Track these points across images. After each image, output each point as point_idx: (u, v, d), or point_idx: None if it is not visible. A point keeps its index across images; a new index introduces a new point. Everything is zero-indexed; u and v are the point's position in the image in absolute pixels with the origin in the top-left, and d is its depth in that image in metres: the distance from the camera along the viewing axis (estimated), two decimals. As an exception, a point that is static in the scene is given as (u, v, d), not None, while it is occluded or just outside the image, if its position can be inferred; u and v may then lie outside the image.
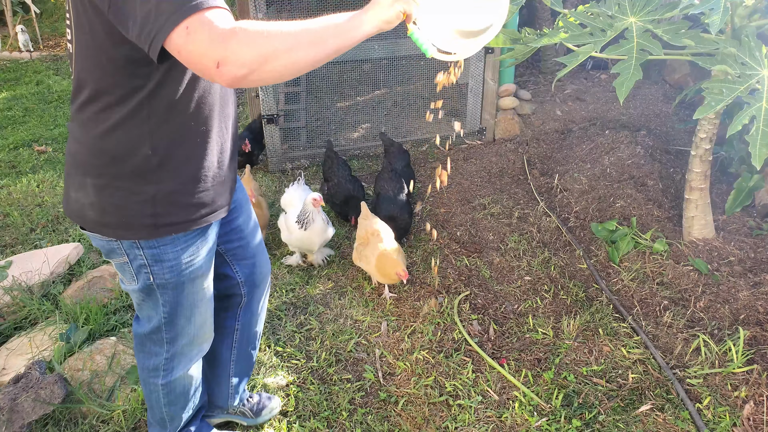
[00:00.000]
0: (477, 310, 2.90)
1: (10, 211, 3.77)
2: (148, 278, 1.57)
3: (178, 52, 1.15)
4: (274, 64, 1.15)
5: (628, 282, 2.99)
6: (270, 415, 2.27)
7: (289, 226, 3.06)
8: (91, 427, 2.25)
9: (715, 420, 2.25)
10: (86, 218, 1.50)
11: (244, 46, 1.12)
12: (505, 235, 3.45)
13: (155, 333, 1.71)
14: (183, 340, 1.74)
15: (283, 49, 1.15)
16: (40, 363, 2.34)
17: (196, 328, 1.74)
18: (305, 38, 1.18)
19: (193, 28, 1.12)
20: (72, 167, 1.48)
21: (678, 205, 3.44)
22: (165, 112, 1.38)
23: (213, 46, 1.11)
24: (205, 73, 1.16)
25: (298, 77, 4.96)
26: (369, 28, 1.25)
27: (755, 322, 2.66)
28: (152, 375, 1.80)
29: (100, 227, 1.50)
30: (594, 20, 2.48)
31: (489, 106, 4.56)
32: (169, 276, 1.57)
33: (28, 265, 3.01)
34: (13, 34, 7.44)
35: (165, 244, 1.52)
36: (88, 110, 1.38)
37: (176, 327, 1.70)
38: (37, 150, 4.78)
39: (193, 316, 1.71)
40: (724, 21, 2.18)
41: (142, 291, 1.61)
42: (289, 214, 3.12)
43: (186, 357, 1.80)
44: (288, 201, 3.23)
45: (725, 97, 2.29)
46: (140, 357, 1.81)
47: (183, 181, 1.47)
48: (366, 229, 3.00)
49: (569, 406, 2.34)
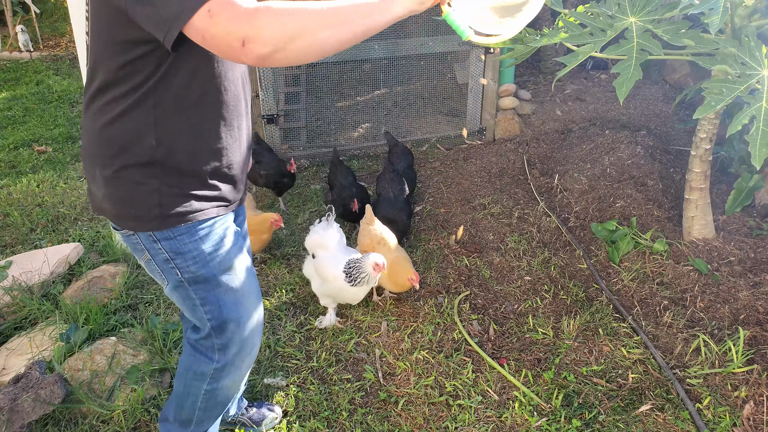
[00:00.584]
0: (477, 310, 2.90)
1: (10, 211, 3.77)
2: (175, 273, 1.53)
3: (202, 37, 1.14)
4: (299, 42, 1.14)
5: (628, 282, 2.99)
6: (271, 425, 2.25)
7: (330, 275, 2.61)
8: (91, 427, 2.25)
9: (715, 420, 2.25)
10: (105, 210, 1.50)
11: (269, 24, 1.11)
12: (505, 235, 3.45)
13: (207, 339, 1.65)
14: (234, 348, 1.67)
15: (309, 28, 1.14)
16: (40, 363, 2.34)
17: (246, 330, 1.67)
18: (332, 18, 1.16)
19: (216, 11, 1.11)
20: (86, 160, 1.48)
21: (678, 205, 3.44)
22: (171, 103, 1.37)
23: (237, 24, 1.11)
24: (230, 53, 1.15)
25: (298, 77, 4.96)
26: (400, 9, 1.21)
27: (755, 322, 2.66)
28: (197, 378, 1.73)
29: (115, 219, 1.49)
30: (594, 20, 2.48)
31: (489, 106, 4.56)
32: (195, 268, 1.53)
33: (28, 265, 3.01)
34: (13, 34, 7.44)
35: (180, 234, 1.48)
36: (98, 101, 1.38)
37: (226, 332, 1.64)
38: (37, 150, 4.78)
39: (241, 318, 1.64)
40: (724, 21, 2.18)
41: (176, 291, 1.57)
42: (325, 260, 2.67)
43: (236, 368, 1.74)
44: (318, 243, 2.74)
45: (725, 97, 2.29)
46: (188, 358, 1.74)
47: (188, 173, 1.46)
48: (370, 237, 2.91)
49: (569, 406, 2.34)
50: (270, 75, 4.02)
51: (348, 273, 2.55)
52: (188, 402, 1.79)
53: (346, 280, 2.56)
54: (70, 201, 3.88)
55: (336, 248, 2.70)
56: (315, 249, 2.74)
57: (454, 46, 4.36)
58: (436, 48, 4.35)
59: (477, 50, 4.34)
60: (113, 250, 3.23)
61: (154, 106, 1.35)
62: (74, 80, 6.38)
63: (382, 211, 3.26)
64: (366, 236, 2.96)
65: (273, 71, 4.06)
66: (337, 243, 2.72)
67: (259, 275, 3.17)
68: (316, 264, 2.71)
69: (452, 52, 4.71)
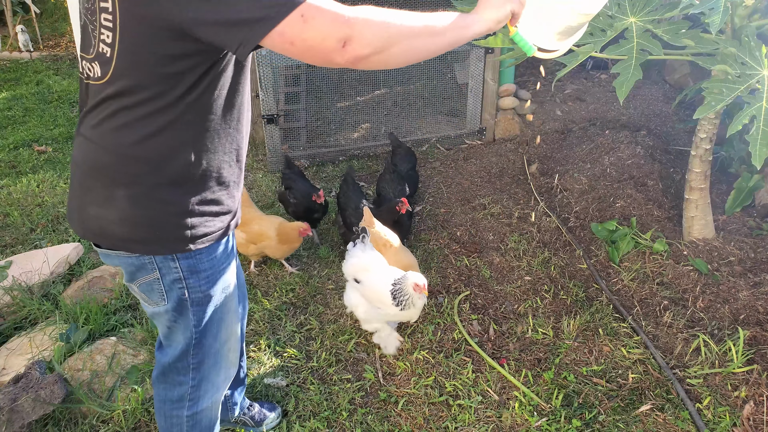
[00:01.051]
0: (477, 310, 2.90)
1: (10, 211, 3.77)
2: (182, 293, 1.48)
3: (291, 43, 1.13)
4: (396, 48, 1.19)
5: (628, 282, 2.99)
6: (272, 424, 2.25)
7: (381, 298, 2.44)
8: (91, 427, 2.25)
9: (715, 420, 2.25)
10: (111, 236, 1.40)
11: (370, 28, 1.15)
12: (505, 235, 3.45)
13: (181, 360, 1.60)
14: (209, 362, 1.63)
15: (406, 35, 1.19)
16: (40, 363, 2.34)
17: (221, 344, 1.63)
18: (426, 29, 1.22)
19: (310, 15, 1.11)
20: (93, 180, 1.37)
21: (678, 205, 3.43)
22: (207, 118, 1.34)
23: (338, 27, 1.12)
24: (323, 56, 1.15)
25: (298, 77, 4.96)
26: (481, 27, 1.30)
27: (755, 322, 2.66)
28: (176, 407, 1.67)
29: (130, 244, 1.40)
30: (594, 20, 2.48)
31: (489, 106, 4.56)
32: (205, 287, 1.50)
33: (28, 265, 3.01)
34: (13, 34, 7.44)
35: (201, 253, 1.45)
36: (124, 116, 1.29)
37: (203, 347, 1.59)
38: (37, 150, 4.78)
39: (219, 332, 1.61)
40: (724, 21, 2.18)
41: (174, 311, 1.51)
42: (372, 282, 2.50)
43: (212, 384, 1.68)
44: (361, 266, 2.56)
45: (725, 97, 2.29)
46: (161, 388, 1.67)
47: (215, 189, 1.43)
48: (375, 241, 2.82)
49: (569, 406, 2.34)
50: (270, 75, 4.02)
51: (394, 296, 2.39)
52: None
53: (393, 303, 2.39)
54: (70, 201, 3.88)
55: (381, 269, 2.54)
56: (358, 273, 2.56)
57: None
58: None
59: (477, 50, 4.34)
60: (113, 250, 3.23)
61: (193, 122, 1.32)
62: (74, 80, 6.38)
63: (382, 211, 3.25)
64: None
65: (273, 71, 4.06)
66: (381, 264, 2.56)
67: (259, 275, 3.17)
68: (363, 289, 2.53)
69: (452, 52, 4.71)
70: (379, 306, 2.46)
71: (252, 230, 3.06)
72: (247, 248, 3.08)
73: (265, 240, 3.05)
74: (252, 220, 3.10)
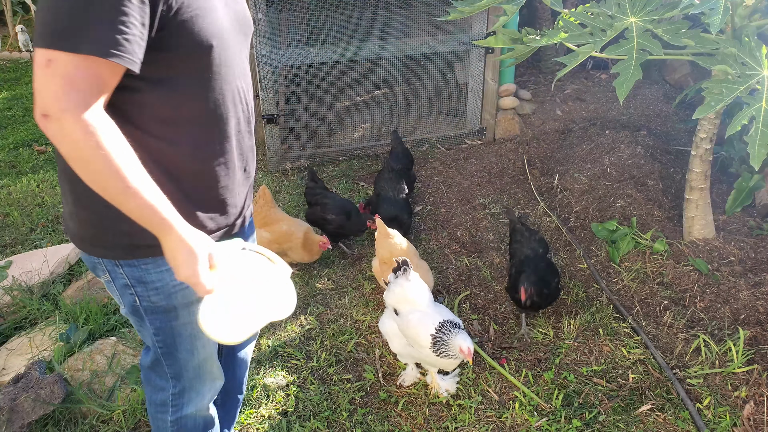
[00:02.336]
0: (477, 310, 2.90)
1: (10, 211, 3.77)
2: (133, 300, 1.43)
3: (35, 66, 1.10)
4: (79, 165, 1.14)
5: (629, 282, 2.99)
6: None
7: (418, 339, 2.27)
8: (91, 427, 2.25)
9: (715, 420, 2.24)
10: (67, 230, 1.41)
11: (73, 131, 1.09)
12: (505, 235, 3.45)
13: (157, 365, 1.57)
14: (189, 374, 1.59)
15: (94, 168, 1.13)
16: (40, 363, 2.34)
17: (200, 361, 1.58)
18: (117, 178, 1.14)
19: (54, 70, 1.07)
20: (59, 171, 1.38)
21: (678, 205, 3.43)
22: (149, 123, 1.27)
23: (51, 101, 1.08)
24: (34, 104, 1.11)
25: (298, 77, 4.96)
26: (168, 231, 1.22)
27: (755, 322, 2.66)
28: (160, 410, 1.65)
29: (79, 241, 1.40)
30: (594, 20, 2.48)
31: (489, 106, 4.56)
32: (156, 299, 1.43)
33: (28, 265, 3.01)
34: (13, 34, 7.44)
35: (146, 264, 1.38)
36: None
37: (178, 360, 1.54)
38: (37, 150, 4.78)
39: (195, 349, 1.54)
40: (724, 21, 2.17)
41: (132, 314, 1.48)
42: (412, 319, 2.29)
43: (197, 393, 1.64)
44: (402, 297, 2.36)
45: (725, 97, 2.29)
46: (147, 390, 1.66)
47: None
48: (390, 251, 2.73)
49: (569, 406, 2.34)
50: (270, 75, 4.02)
51: (435, 342, 2.23)
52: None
53: (431, 348, 2.23)
54: (70, 201, 3.88)
55: (426, 304, 2.34)
56: (399, 304, 2.37)
57: (454, 46, 4.36)
58: (436, 48, 4.35)
59: (477, 50, 4.34)
60: (113, 250, 3.23)
61: (134, 125, 1.25)
62: (74, 80, 6.39)
63: (384, 210, 3.25)
64: (384, 248, 2.78)
65: (273, 71, 4.06)
66: (426, 299, 2.37)
67: (259, 275, 3.16)
68: (401, 322, 2.34)
69: (452, 52, 4.71)
70: (414, 345, 2.31)
71: (279, 230, 2.98)
72: (269, 248, 2.98)
73: (292, 242, 2.98)
74: (280, 220, 3.04)
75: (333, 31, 4.52)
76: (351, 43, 4.24)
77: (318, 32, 4.62)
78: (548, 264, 2.76)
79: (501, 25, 2.92)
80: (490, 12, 4.20)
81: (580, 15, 2.56)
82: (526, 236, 2.83)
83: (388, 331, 2.44)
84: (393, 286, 2.40)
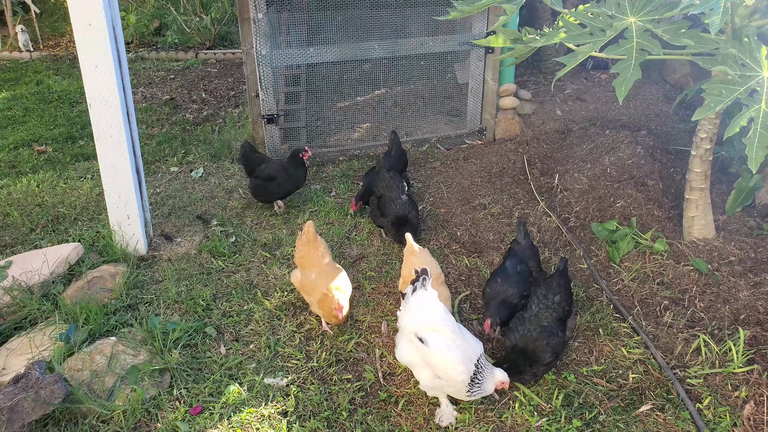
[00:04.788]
0: (477, 310, 2.90)
1: (10, 211, 3.77)
2: None
3: None
4: None
5: (629, 282, 2.99)
6: None
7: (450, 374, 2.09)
8: (91, 427, 2.25)
9: (715, 420, 2.25)
10: None
11: None
12: (505, 235, 3.45)
13: None
14: None
15: None
16: (40, 363, 2.34)
17: None
18: None
19: None
20: None
21: (678, 205, 3.43)
22: None
23: None
24: None
25: (298, 77, 4.96)
26: None
27: (755, 322, 2.66)
28: None
29: None
30: (594, 20, 2.48)
31: (489, 106, 4.56)
32: None
33: (28, 265, 3.01)
34: (13, 34, 7.44)
35: None
36: None
37: None
38: (37, 150, 4.77)
39: None
40: (724, 21, 2.18)
41: None
42: (442, 349, 2.09)
43: None
44: (427, 323, 2.13)
45: (725, 98, 2.29)
46: None
47: None
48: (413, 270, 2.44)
49: (569, 406, 2.34)
50: (270, 75, 4.02)
51: (472, 381, 2.06)
52: None
53: (466, 388, 2.07)
54: (70, 201, 3.88)
55: (452, 330, 2.12)
56: (423, 331, 2.10)
57: (454, 46, 4.36)
58: (436, 48, 4.35)
59: (477, 50, 4.34)
60: (113, 250, 3.23)
61: None
62: (74, 80, 6.38)
63: (391, 211, 3.25)
64: (409, 268, 2.61)
65: (273, 71, 4.06)
66: (452, 322, 2.15)
67: (259, 275, 3.17)
68: (427, 353, 2.09)
69: (452, 52, 4.70)
70: (449, 379, 2.10)
71: (308, 278, 2.72)
72: (295, 282, 2.82)
73: (312, 296, 2.70)
74: (313, 266, 2.72)
75: (333, 31, 4.51)
76: (351, 43, 4.24)
77: (318, 32, 4.62)
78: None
79: (501, 24, 2.92)
80: (490, 11, 4.20)
81: (580, 15, 2.57)
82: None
83: (410, 360, 2.18)
84: (414, 309, 2.13)
